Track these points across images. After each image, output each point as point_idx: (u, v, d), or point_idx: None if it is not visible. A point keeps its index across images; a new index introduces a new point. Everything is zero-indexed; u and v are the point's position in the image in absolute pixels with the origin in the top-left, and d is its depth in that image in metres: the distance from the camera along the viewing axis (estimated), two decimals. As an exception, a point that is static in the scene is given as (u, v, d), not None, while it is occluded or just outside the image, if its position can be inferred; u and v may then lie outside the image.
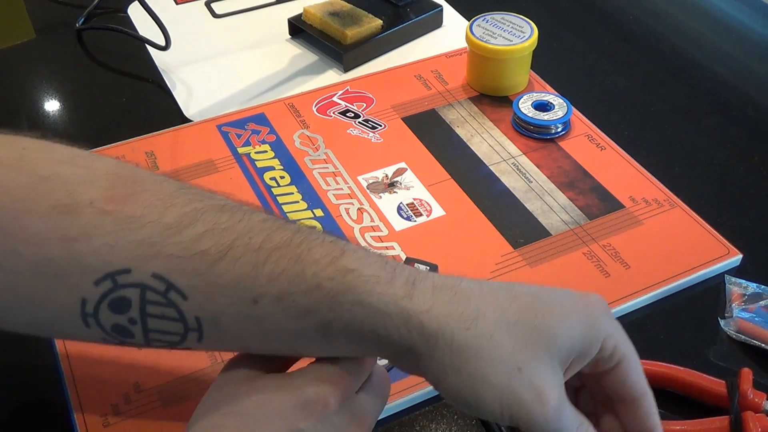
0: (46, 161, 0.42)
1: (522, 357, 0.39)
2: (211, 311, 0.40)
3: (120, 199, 0.40)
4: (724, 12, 0.98)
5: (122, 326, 0.41)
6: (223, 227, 0.40)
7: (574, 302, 0.42)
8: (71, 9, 0.96)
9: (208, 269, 0.39)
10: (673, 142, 0.78)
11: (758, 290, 0.61)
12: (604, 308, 0.43)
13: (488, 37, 0.79)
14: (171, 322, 0.40)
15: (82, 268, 0.39)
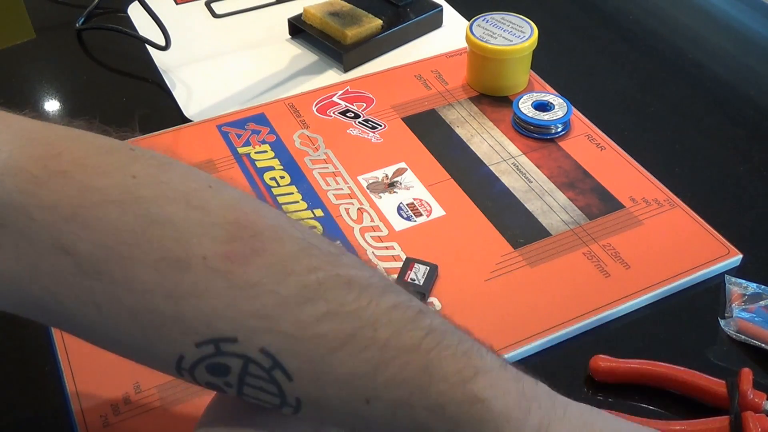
0: (158, 198, 0.37)
1: None
2: (315, 398, 0.37)
3: (236, 258, 0.36)
4: (724, 12, 0.98)
5: (217, 385, 0.38)
6: (347, 310, 0.36)
7: None
8: (71, 9, 0.96)
9: (322, 357, 0.36)
10: (673, 142, 0.78)
11: (758, 290, 0.61)
12: None
13: (488, 37, 0.79)
14: (269, 396, 0.37)
15: (185, 327, 0.36)
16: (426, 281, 0.61)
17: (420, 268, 0.62)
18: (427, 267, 0.62)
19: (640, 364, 0.56)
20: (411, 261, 0.63)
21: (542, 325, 0.59)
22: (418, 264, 0.62)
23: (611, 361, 0.56)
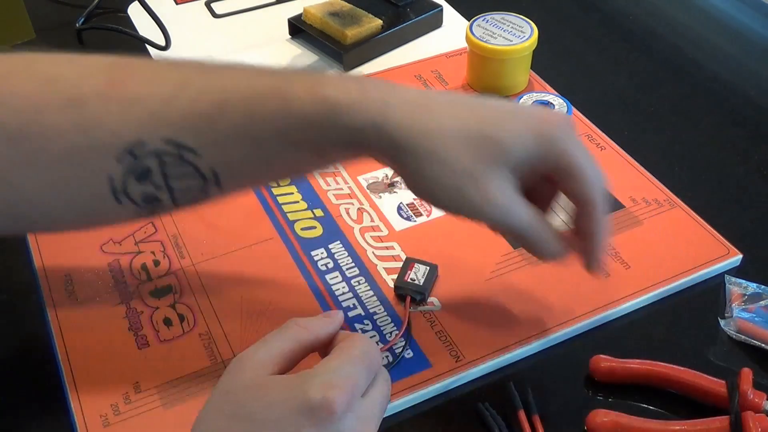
0: (51, 64, 0.48)
1: (474, 165, 0.47)
2: (223, 161, 0.47)
3: (119, 84, 0.47)
4: (724, 12, 0.98)
5: (150, 194, 0.47)
6: (212, 86, 0.47)
7: (533, 118, 0.49)
8: (71, 9, 0.96)
9: (209, 126, 0.46)
10: (673, 142, 0.78)
11: (758, 290, 0.61)
12: (564, 128, 0.49)
13: (488, 37, 0.79)
14: (191, 179, 0.47)
15: (102, 149, 0.45)
16: (426, 281, 0.61)
17: (420, 268, 0.62)
18: (427, 267, 0.62)
19: (640, 364, 0.56)
20: (411, 261, 0.63)
21: (542, 325, 0.59)
22: (418, 264, 0.62)
23: (611, 361, 0.56)
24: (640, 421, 0.52)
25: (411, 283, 0.61)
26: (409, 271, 0.62)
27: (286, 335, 0.44)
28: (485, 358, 0.57)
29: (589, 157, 0.50)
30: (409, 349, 0.58)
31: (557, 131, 0.48)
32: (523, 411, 0.53)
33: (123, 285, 0.62)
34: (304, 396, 0.39)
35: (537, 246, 0.52)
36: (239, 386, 0.41)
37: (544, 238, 0.51)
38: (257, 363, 0.42)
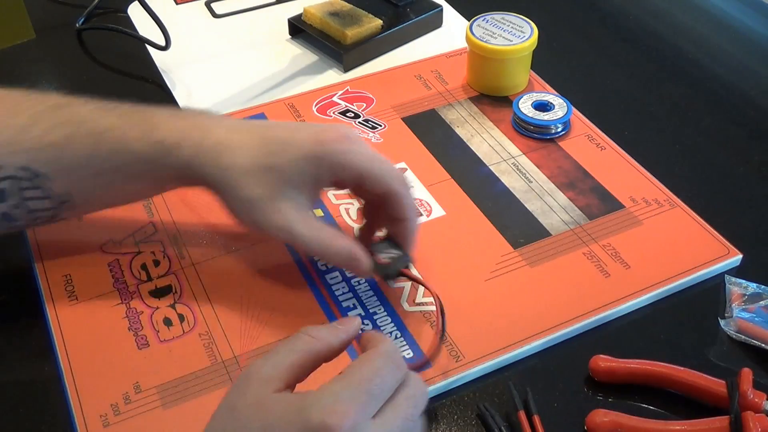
0: None
1: (260, 194, 0.55)
2: (72, 186, 0.55)
3: None
4: (724, 12, 0.98)
5: (5, 213, 0.54)
6: (62, 120, 0.54)
7: (307, 142, 0.55)
8: (71, 9, 0.96)
9: (58, 156, 0.54)
10: (673, 142, 0.78)
11: (758, 290, 0.61)
12: (339, 143, 0.55)
13: (488, 37, 0.79)
14: (44, 201, 0.55)
15: None
16: (396, 264, 0.59)
17: (393, 252, 0.60)
18: (399, 252, 0.60)
19: (640, 364, 0.56)
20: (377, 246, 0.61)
21: (542, 325, 0.59)
22: (387, 245, 0.60)
23: (611, 361, 0.56)
24: (640, 421, 0.52)
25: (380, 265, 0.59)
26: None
27: (296, 347, 0.44)
28: (485, 358, 0.57)
29: (372, 157, 0.55)
30: (409, 349, 0.58)
31: (331, 147, 0.54)
32: (523, 411, 0.53)
33: (123, 285, 0.62)
34: (304, 421, 0.39)
35: (325, 257, 0.60)
36: (243, 403, 0.41)
37: (330, 251, 0.56)
38: (262, 379, 0.42)
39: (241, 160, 0.55)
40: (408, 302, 0.61)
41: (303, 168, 0.55)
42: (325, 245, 0.56)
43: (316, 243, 0.56)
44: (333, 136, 0.55)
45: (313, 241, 0.56)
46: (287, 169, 0.54)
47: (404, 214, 0.57)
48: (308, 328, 0.45)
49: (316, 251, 0.58)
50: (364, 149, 0.56)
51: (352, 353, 0.58)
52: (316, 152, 0.55)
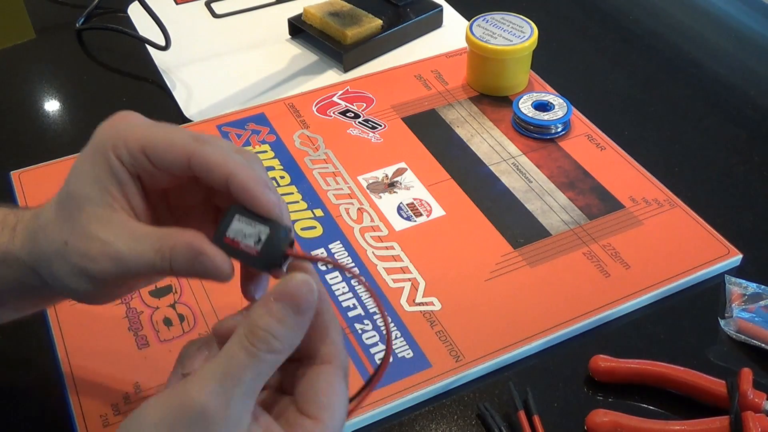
0: None
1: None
2: None
3: None
4: (724, 12, 0.98)
5: None
6: None
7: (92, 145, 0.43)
8: (71, 9, 0.96)
9: None
10: (673, 142, 0.78)
11: (758, 290, 0.61)
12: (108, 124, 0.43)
13: (488, 37, 0.79)
14: None
15: None
16: (268, 246, 0.40)
17: (257, 227, 0.41)
18: (267, 227, 0.40)
19: (640, 364, 0.56)
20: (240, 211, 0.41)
21: (542, 325, 0.59)
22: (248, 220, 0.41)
23: (611, 361, 0.56)
24: (640, 421, 0.52)
25: (240, 251, 0.41)
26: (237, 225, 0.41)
27: (258, 371, 0.37)
28: (485, 358, 0.57)
29: (152, 124, 0.42)
30: (409, 349, 0.58)
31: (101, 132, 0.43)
32: (523, 411, 0.53)
33: (123, 285, 0.62)
34: None
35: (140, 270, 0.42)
36: None
37: (141, 260, 0.41)
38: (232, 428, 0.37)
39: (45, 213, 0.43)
40: (408, 302, 0.61)
41: (85, 170, 0.42)
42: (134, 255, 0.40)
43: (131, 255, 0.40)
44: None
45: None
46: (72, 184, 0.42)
47: (235, 175, 0.40)
48: (267, 341, 0.37)
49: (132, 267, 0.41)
50: (140, 120, 0.43)
51: (352, 353, 0.58)
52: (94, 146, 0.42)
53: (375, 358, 0.57)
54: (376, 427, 0.54)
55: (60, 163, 0.74)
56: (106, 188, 0.41)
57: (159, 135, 0.41)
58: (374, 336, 0.59)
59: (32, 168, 0.73)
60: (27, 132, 0.80)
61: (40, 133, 0.80)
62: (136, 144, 0.41)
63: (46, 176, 0.73)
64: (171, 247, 0.40)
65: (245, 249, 0.41)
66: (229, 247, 0.41)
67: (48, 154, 0.75)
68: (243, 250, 0.41)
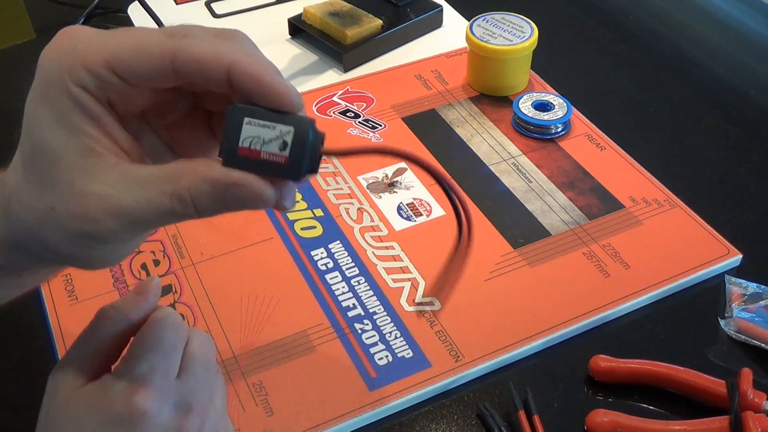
0: None
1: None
2: None
3: None
4: (724, 12, 0.98)
5: None
6: None
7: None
8: (71, 9, 0.96)
9: None
10: (673, 142, 0.78)
11: (758, 290, 0.61)
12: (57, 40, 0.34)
13: (488, 37, 0.79)
14: None
15: None
16: (298, 148, 0.33)
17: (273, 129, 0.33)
18: (288, 127, 0.33)
19: (640, 364, 0.56)
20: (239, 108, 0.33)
21: (542, 325, 0.59)
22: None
23: (611, 361, 0.56)
24: (640, 421, 0.52)
25: (266, 162, 0.33)
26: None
27: (96, 335, 0.40)
28: (485, 358, 0.57)
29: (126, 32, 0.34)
30: (409, 349, 0.58)
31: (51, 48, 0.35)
32: (523, 411, 0.53)
33: (123, 285, 0.62)
34: (110, 411, 0.37)
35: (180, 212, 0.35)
36: (54, 406, 0.38)
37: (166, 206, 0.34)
38: (66, 378, 0.39)
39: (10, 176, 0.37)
40: (408, 302, 0.61)
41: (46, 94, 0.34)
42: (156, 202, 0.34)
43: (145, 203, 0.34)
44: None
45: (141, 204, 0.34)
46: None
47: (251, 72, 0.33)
48: (106, 308, 0.40)
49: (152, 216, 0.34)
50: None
51: (347, 346, 0.58)
52: (43, 66, 0.34)
53: (375, 358, 0.57)
54: (376, 426, 0.54)
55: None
56: (78, 128, 0.33)
57: (123, 42, 0.33)
58: (374, 336, 0.59)
59: (32, 168, 0.73)
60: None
61: None
62: (98, 59, 0.33)
63: (46, 176, 0.73)
64: (188, 188, 0.33)
65: (269, 158, 0.32)
66: (248, 161, 0.32)
67: (48, 154, 0.75)
68: (266, 160, 0.32)
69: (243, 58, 0.33)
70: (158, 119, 0.38)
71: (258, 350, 0.58)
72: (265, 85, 0.33)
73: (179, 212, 0.34)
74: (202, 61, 0.32)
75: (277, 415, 0.54)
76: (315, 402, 0.55)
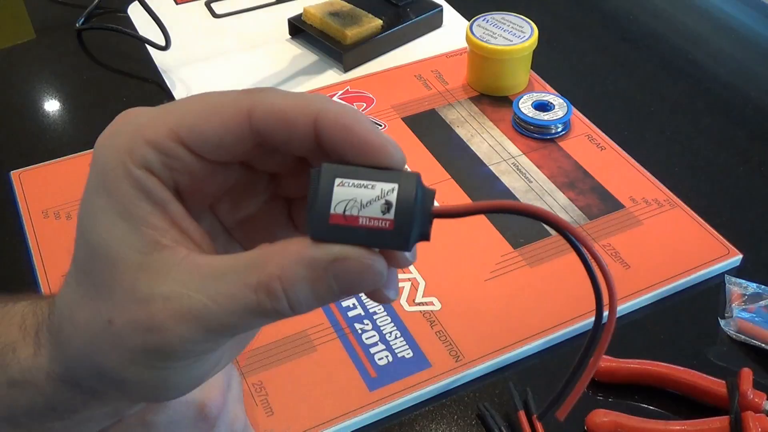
0: None
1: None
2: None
3: None
4: (724, 12, 0.98)
5: None
6: None
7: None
8: (71, 9, 0.96)
9: None
10: (673, 142, 0.78)
11: (758, 290, 0.61)
12: None
13: (488, 37, 0.79)
14: None
15: None
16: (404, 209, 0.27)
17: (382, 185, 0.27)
18: (389, 184, 0.27)
19: (640, 364, 0.56)
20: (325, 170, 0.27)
21: (542, 325, 0.59)
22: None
23: (611, 361, 0.56)
24: (640, 421, 0.52)
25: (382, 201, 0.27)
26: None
27: None
28: (485, 358, 0.57)
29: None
30: (409, 349, 0.58)
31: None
32: (523, 411, 0.53)
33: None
34: None
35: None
36: None
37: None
38: None
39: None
40: (408, 302, 0.61)
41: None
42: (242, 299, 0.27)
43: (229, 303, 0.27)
44: None
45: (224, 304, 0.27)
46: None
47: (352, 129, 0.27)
48: None
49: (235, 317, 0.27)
50: None
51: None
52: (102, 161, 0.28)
53: (375, 358, 0.57)
54: (376, 427, 0.54)
55: (60, 163, 0.74)
56: (140, 219, 0.27)
57: (192, 106, 0.29)
58: (374, 336, 0.59)
59: (32, 168, 0.73)
60: (27, 132, 0.80)
61: (40, 133, 0.80)
62: (163, 130, 0.28)
63: (46, 176, 0.73)
64: (279, 275, 0.26)
65: (370, 225, 0.26)
66: (343, 231, 0.26)
67: (48, 154, 0.75)
68: (367, 227, 0.26)
69: (331, 107, 0.27)
70: (232, 214, 0.32)
71: (258, 350, 0.58)
72: (359, 136, 0.27)
73: (268, 308, 0.26)
74: (285, 112, 0.27)
75: (277, 415, 0.54)
76: (315, 402, 0.55)
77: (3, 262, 0.66)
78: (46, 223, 0.68)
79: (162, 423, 0.41)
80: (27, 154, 0.75)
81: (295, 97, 0.28)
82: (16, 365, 0.31)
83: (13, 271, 0.65)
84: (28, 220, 0.68)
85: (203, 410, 0.42)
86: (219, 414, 0.43)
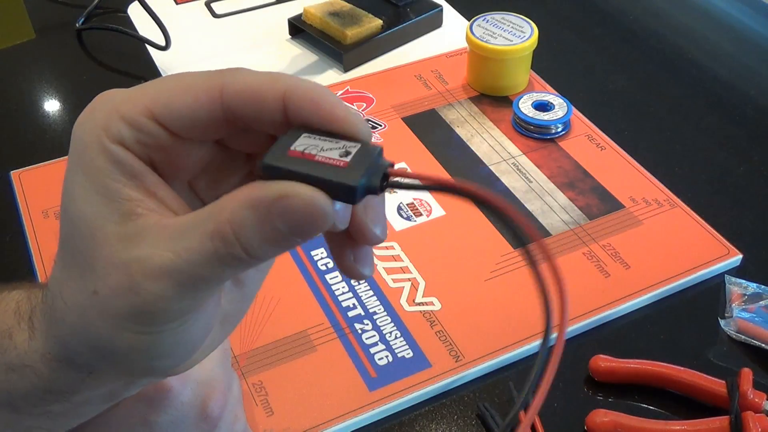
0: None
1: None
2: None
3: None
4: (724, 12, 0.98)
5: None
6: None
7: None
8: (71, 9, 0.96)
9: None
10: (673, 142, 0.78)
11: (758, 290, 0.61)
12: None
13: (488, 37, 0.79)
14: None
15: None
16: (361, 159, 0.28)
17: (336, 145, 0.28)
18: (353, 143, 0.28)
19: (640, 364, 0.56)
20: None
21: (542, 325, 0.59)
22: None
23: (611, 361, 0.56)
24: (640, 421, 0.52)
25: (327, 164, 0.27)
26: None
27: None
28: (485, 358, 0.57)
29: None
30: (409, 349, 0.58)
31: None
32: (524, 411, 0.53)
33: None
34: None
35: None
36: None
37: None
38: None
39: None
40: (408, 302, 0.61)
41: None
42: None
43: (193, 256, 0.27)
44: None
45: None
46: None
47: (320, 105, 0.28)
48: None
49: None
50: None
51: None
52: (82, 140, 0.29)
53: (375, 358, 0.57)
54: (376, 427, 0.54)
55: (60, 163, 0.73)
56: (116, 192, 0.28)
57: (165, 85, 0.29)
58: (374, 336, 0.59)
59: (32, 168, 0.73)
60: (27, 132, 0.80)
61: (40, 133, 0.80)
62: (137, 108, 0.28)
63: (46, 176, 0.73)
64: (229, 220, 0.26)
65: (324, 161, 0.27)
66: (296, 162, 0.27)
67: (48, 154, 0.75)
68: (321, 162, 0.27)
69: (300, 83, 0.28)
70: (210, 190, 0.32)
71: (258, 350, 0.58)
72: (325, 110, 0.28)
73: (224, 254, 0.27)
74: (255, 89, 0.28)
75: (277, 415, 0.54)
76: (315, 402, 0.55)
77: (3, 262, 0.66)
78: (46, 223, 0.68)
79: (164, 423, 0.41)
80: (27, 154, 0.75)
81: (265, 75, 0.28)
82: (13, 350, 0.32)
83: (13, 271, 0.65)
84: (28, 220, 0.68)
85: (205, 410, 0.43)
86: (221, 414, 0.44)
